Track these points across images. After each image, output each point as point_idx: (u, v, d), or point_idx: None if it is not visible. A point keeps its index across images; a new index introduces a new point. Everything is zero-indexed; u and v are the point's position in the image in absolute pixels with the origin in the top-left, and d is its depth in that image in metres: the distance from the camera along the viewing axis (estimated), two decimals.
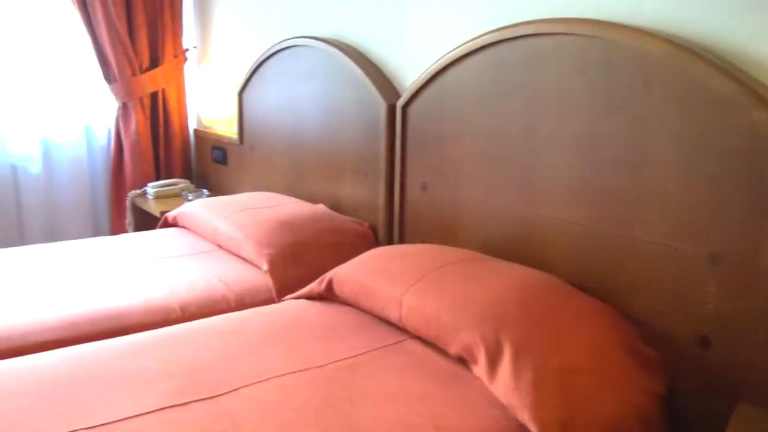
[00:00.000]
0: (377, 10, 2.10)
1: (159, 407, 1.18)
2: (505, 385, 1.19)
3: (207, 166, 3.24)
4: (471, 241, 1.80)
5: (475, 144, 1.74)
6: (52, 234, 3.12)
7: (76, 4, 2.88)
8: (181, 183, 3.09)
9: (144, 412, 1.16)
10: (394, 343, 1.46)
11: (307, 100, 2.40)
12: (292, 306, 1.68)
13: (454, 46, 1.77)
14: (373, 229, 2.12)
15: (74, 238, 3.01)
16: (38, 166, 3.05)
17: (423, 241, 1.94)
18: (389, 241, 2.08)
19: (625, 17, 1.41)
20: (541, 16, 1.57)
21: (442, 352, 1.39)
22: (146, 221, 2.99)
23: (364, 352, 1.41)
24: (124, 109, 3.10)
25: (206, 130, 3.22)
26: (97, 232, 3.25)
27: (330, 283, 1.67)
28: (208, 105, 3.08)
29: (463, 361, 1.34)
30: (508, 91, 1.63)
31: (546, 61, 1.53)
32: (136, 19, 3.01)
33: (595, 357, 1.26)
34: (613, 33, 1.38)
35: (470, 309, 1.33)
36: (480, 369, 1.27)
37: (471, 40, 1.71)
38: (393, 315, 1.48)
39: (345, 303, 1.67)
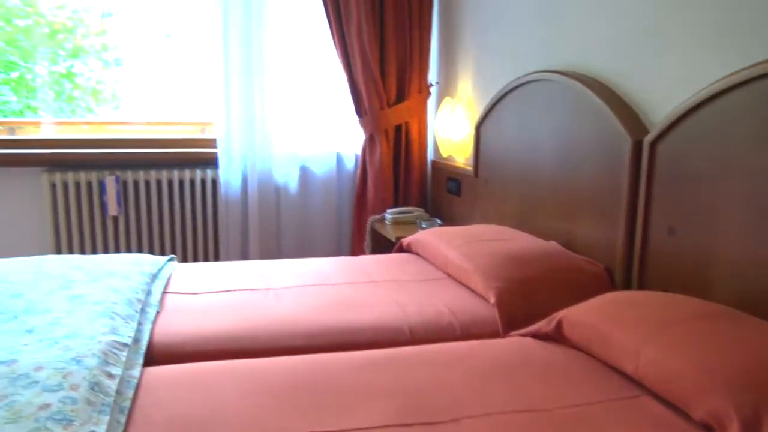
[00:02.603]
0: (627, 41, 2.00)
1: (385, 424, 1.23)
2: None
3: (441, 196, 3.36)
4: (725, 295, 1.60)
5: (738, 186, 1.55)
6: (303, 249, 3.49)
7: (337, 45, 3.22)
8: (417, 211, 3.24)
9: (372, 425, 1.22)
10: (628, 398, 1.34)
11: (544, 134, 2.37)
12: (517, 342, 1.65)
13: (716, 79, 1.61)
14: (609, 272, 2.00)
15: (320, 255, 3.33)
16: (296, 187, 3.45)
17: (666, 290, 1.78)
18: (627, 286, 1.94)
19: None
20: None
21: (684, 415, 1.25)
22: (382, 245, 3.19)
23: (593, 402, 1.32)
24: (371, 139, 3.36)
25: (443, 162, 3.34)
26: (339, 251, 3.55)
27: (560, 324, 1.61)
28: (446, 138, 3.20)
29: (709, 429, 1.19)
30: None
31: None
32: (387, 59, 3.27)
33: None
34: None
35: (723, 371, 1.18)
36: None
37: (737, 72, 1.54)
38: (628, 366, 1.37)
39: (574, 346, 1.59)
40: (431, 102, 3.48)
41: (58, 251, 3.27)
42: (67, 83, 3.70)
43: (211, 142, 3.39)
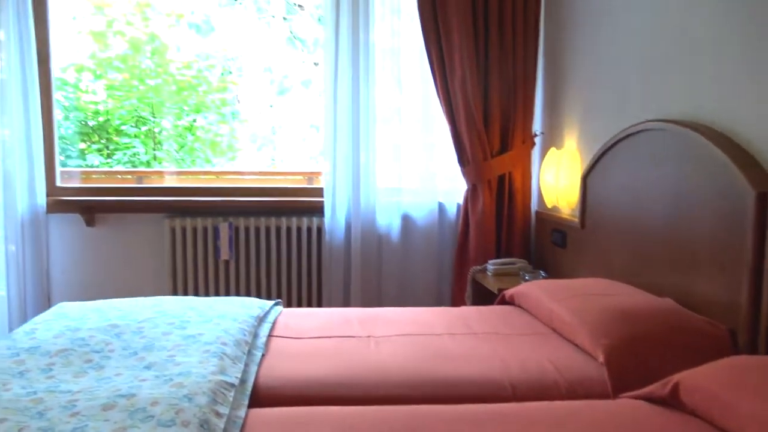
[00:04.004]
0: (746, 87, 1.90)
1: None
2: None
3: (546, 247, 3.27)
4: None
5: None
6: (403, 298, 3.49)
7: (441, 97, 3.27)
8: (519, 262, 3.17)
9: None
10: None
11: (655, 185, 2.27)
12: (628, 405, 1.55)
13: None
14: (732, 334, 1.85)
15: (420, 304, 3.31)
16: (398, 235, 3.48)
17: None
18: (753, 350, 1.79)
19: None
20: None
21: None
22: (484, 296, 3.13)
23: None
24: (473, 189, 3.35)
25: (548, 213, 3.27)
26: (439, 301, 3.53)
27: (676, 388, 1.50)
28: (552, 188, 3.14)
29: None
30: None
31: None
32: (491, 110, 3.28)
33: None
34: None
35: None
36: None
37: None
38: None
39: (692, 413, 1.47)
40: (535, 152, 3.44)
41: (174, 292, 3.47)
42: (189, 136, 4.00)
43: (318, 192, 3.51)
